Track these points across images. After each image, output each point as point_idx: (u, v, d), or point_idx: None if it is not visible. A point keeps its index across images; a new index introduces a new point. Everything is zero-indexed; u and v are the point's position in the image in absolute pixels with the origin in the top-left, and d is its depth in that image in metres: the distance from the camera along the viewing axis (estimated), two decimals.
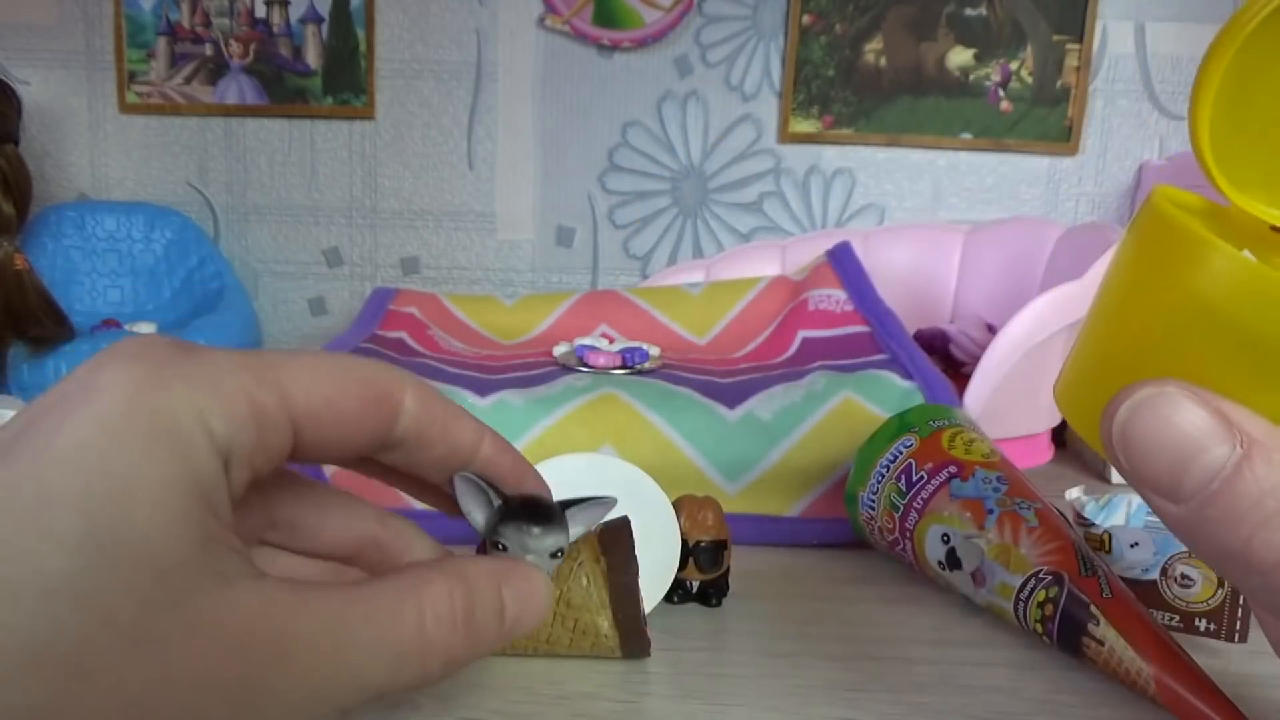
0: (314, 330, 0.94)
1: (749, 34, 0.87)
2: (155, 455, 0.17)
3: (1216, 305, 0.16)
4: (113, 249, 0.87)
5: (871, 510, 0.40)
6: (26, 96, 0.77)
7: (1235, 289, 0.16)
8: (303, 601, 0.18)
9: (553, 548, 0.25)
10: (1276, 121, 0.19)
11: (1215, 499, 0.16)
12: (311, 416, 0.20)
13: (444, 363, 0.56)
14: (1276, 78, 0.18)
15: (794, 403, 0.47)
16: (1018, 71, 0.85)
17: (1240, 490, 0.15)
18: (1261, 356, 0.16)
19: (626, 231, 0.91)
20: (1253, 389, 0.16)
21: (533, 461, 0.47)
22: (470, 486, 0.25)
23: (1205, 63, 0.18)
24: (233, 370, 0.19)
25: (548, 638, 0.31)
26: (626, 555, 0.31)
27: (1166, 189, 0.20)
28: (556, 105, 0.89)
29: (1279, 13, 0.16)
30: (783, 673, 0.31)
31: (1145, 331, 0.18)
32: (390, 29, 0.88)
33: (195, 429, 0.18)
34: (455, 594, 0.20)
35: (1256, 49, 0.17)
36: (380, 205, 0.91)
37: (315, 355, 0.21)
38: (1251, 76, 0.18)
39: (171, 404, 0.17)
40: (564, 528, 0.26)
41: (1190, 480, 0.16)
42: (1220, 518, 0.16)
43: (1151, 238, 0.18)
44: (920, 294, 0.76)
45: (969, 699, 0.29)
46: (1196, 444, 0.16)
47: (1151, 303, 0.18)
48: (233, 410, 0.18)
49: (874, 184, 0.89)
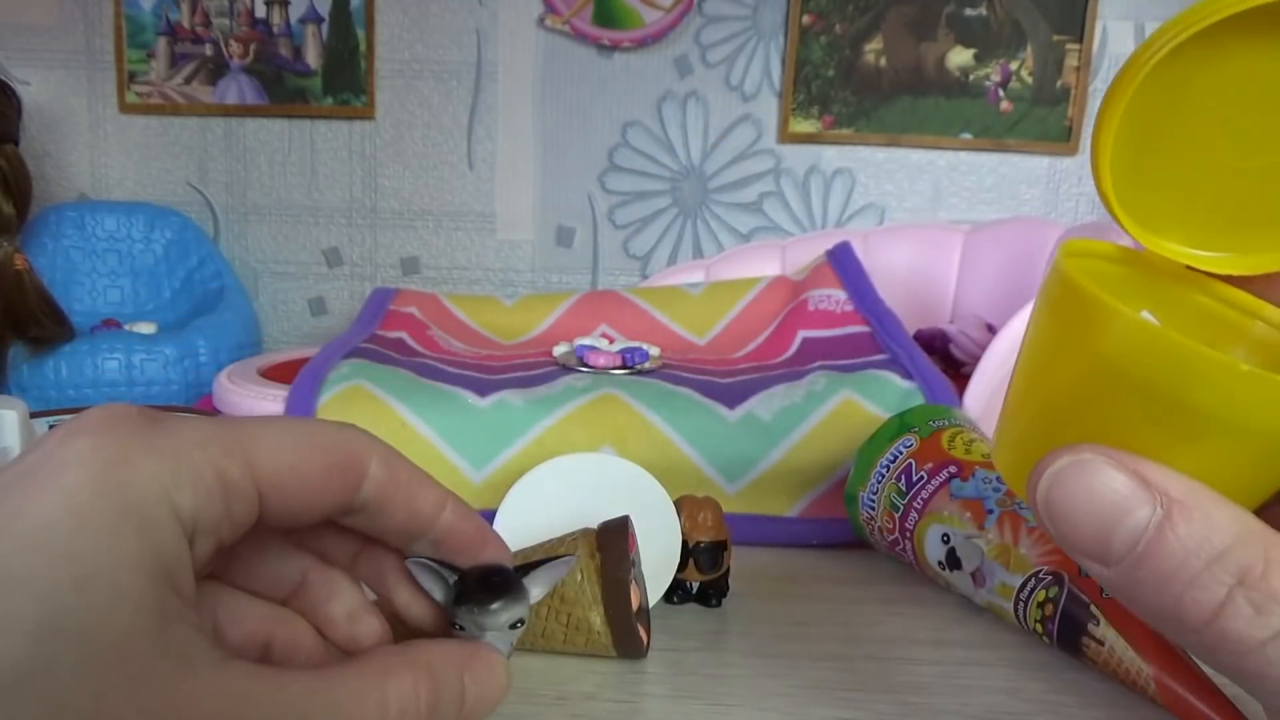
0: (314, 330, 0.94)
1: (749, 34, 0.87)
2: (120, 535, 0.17)
3: (1122, 368, 0.16)
4: (113, 249, 0.87)
5: (871, 510, 0.40)
6: (26, 96, 0.77)
7: (1137, 352, 0.16)
8: (264, 689, 0.18)
9: (510, 620, 0.24)
10: (1185, 158, 0.18)
11: (1143, 561, 0.16)
12: (277, 484, 0.20)
13: (444, 363, 0.56)
14: (1183, 113, 0.18)
15: (794, 403, 0.47)
16: (1018, 71, 0.85)
17: (1165, 551, 0.15)
18: (1172, 415, 0.16)
19: (626, 231, 0.91)
20: (1168, 447, 0.16)
21: (532, 462, 0.47)
22: (423, 569, 0.24)
23: (1104, 105, 0.17)
24: (200, 442, 0.19)
25: (543, 631, 0.31)
26: (621, 553, 0.30)
27: (1077, 243, 0.19)
28: (556, 105, 0.89)
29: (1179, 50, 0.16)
30: (782, 673, 0.31)
31: (1061, 395, 0.18)
32: (390, 29, 0.88)
33: (161, 506, 0.18)
34: (421, 687, 0.20)
35: (1160, 85, 0.17)
36: (380, 205, 0.91)
37: (282, 422, 0.21)
38: (1159, 112, 0.17)
39: (138, 480, 0.18)
40: (522, 597, 0.25)
41: (1117, 545, 0.16)
42: (1149, 579, 0.16)
43: (1057, 301, 0.18)
44: (920, 294, 0.76)
45: (969, 699, 0.29)
46: (1118, 509, 0.16)
47: (1063, 366, 0.18)
48: (199, 483, 0.18)
49: (874, 184, 0.89)
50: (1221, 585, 0.15)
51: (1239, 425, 0.15)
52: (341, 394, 0.47)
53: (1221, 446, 0.16)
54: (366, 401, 0.47)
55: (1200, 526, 0.15)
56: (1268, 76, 0.16)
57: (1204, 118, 0.17)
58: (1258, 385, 0.15)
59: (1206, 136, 0.18)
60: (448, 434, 0.46)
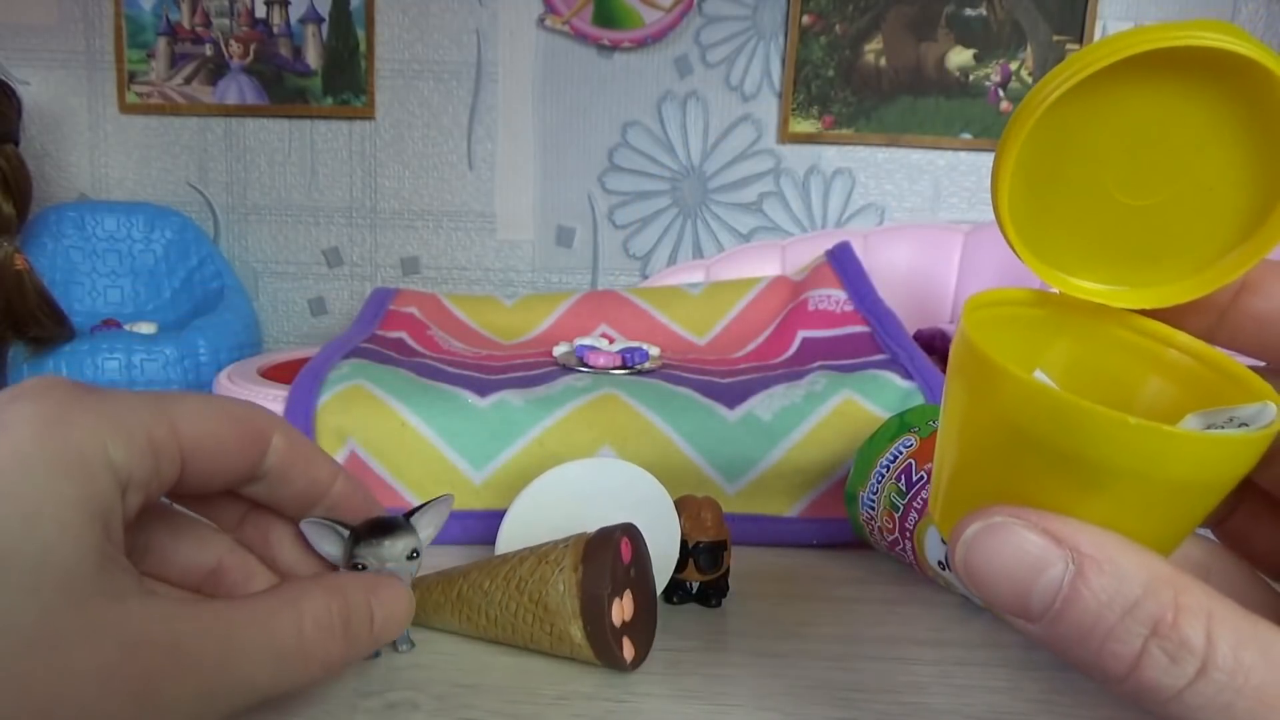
0: (314, 330, 0.94)
1: (749, 34, 0.87)
2: (62, 481, 0.19)
3: (1021, 428, 0.16)
4: (113, 249, 0.87)
5: (871, 510, 0.40)
6: (26, 96, 0.77)
7: (1031, 413, 0.16)
8: (193, 611, 0.20)
9: (406, 550, 0.28)
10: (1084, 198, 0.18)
11: (1061, 617, 0.16)
12: (197, 449, 0.23)
13: (444, 363, 0.56)
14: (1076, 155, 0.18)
15: (794, 403, 0.47)
16: (1018, 71, 0.85)
17: (1081, 606, 0.16)
18: (1075, 470, 0.16)
19: (626, 231, 0.91)
20: (1078, 500, 0.16)
21: (532, 462, 0.47)
22: (318, 527, 0.28)
23: (998, 154, 0.17)
24: (132, 407, 0.21)
25: (530, 637, 0.31)
26: (602, 568, 0.30)
27: (987, 295, 0.20)
28: (556, 105, 0.89)
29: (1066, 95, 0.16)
30: (782, 673, 0.31)
31: (974, 454, 0.18)
32: (390, 29, 0.88)
33: (98, 458, 0.20)
34: (333, 605, 0.23)
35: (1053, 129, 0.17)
36: (380, 205, 0.91)
37: (199, 396, 0.24)
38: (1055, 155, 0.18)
39: (78, 435, 0.19)
40: (412, 532, 0.29)
41: (1035, 603, 0.16)
42: (1071, 634, 0.16)
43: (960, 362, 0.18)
44: (920, 294, 0.76)
45: (969, 699, 0.29)
46: (1032, 568, 0.16)
47: (971, 426, 0.18)
48: (133, 442, 0.20)
49: (874, 184, 0.89)
50: (1136, 637, 0.15)
51: (1139, 475, 0.16)
52: (341, 394, 0.47)
53: (1127, 496, 0.16)
54: (366, 401, 0.47)
55: (1111, 579, 0.16)
56: (1148, 120, 0.17)
57: (1096, 159, 0.18)
58: (1148, 437, 0.15)
59: (1100, 177, 0.18)
60: (448, 434, 0.46)
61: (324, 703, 0.29)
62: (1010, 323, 0.20)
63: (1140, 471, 0.16)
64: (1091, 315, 0.20)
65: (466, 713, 0.28)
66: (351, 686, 0.30)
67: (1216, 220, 0.18)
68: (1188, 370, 0.19)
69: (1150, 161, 0.18)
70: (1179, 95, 0.16)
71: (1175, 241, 0.19)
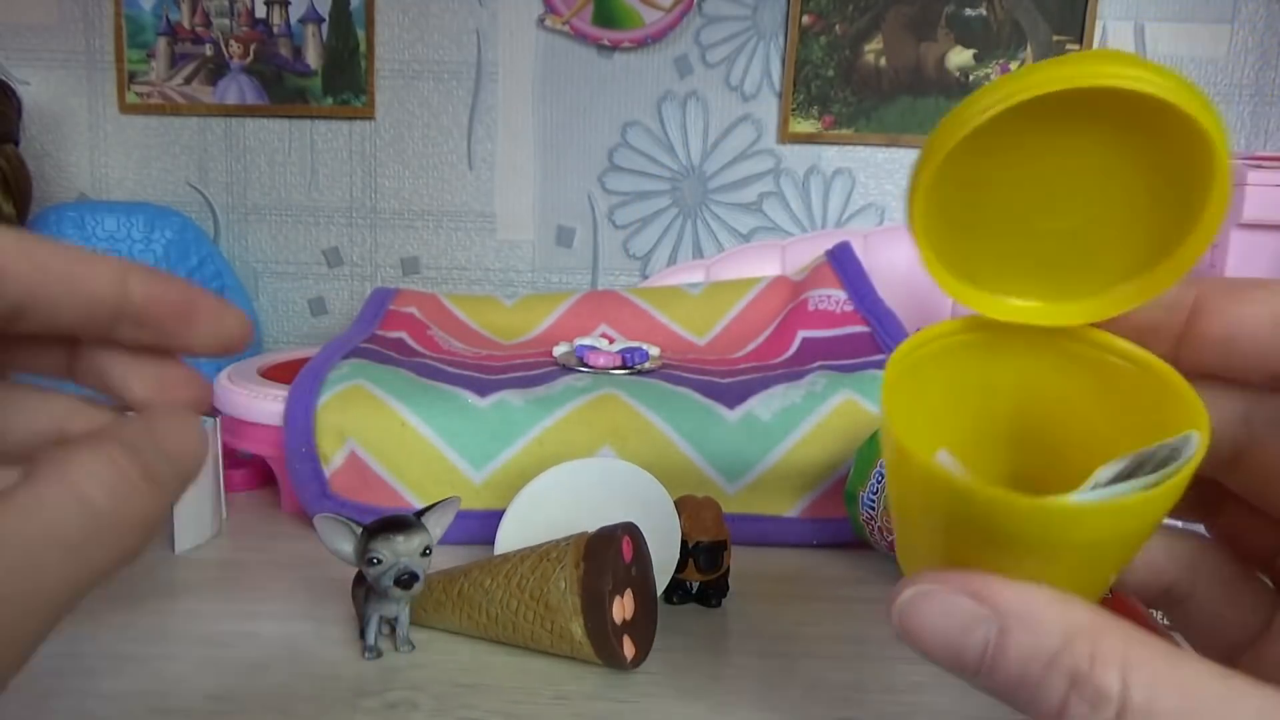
0: (314, 330, 0.94)
1: (749, 34, 0.87)
2: None
3: (934, 505, 0.17)
4: (113, 249, 0.87)
5: (871, 510, 0.40)
6: (26, 96, 0.77)
7: (934, 490, 0.17)
8: None
9: (420, 546, 0.30)
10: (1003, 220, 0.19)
11: (993, 672, 0.17)
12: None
13: (444, 363, 0.56)
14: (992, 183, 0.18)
15: (794, 403, 0.47)
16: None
17: (1009, 661, 0.16)
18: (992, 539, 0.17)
19: (626, 231, 0.91)
20: (1001, 559, 0.17)
21: (532, 462, 0.47)
22: (331, 524, 0.30)
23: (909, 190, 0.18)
24: None
25: (530, 635, 0.31)
26: (604, 565, 0.30)
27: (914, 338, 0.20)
28: (556, 105, 0.89)
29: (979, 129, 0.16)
30: (782, 673, 0.31)
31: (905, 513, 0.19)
32: (390, 29, 0.88)
33: None
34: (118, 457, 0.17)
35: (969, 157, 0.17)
36: (380, 205, 0.91)
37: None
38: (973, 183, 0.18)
39: None
40: (424, 529, 0.31)
41: (968, 661, 0.17)
42: (1004, 686, 0.17)
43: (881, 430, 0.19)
44: (920, 294, 0.76)
45: (969, 699, 0.29)
46: (960, 630, 0.17)
47: (897, 494, 0.19)
48: None
49: (874, 184, 0.89)
50: (1058, 688, 0.16)
51: (1048, 542, 0.16)
52: (341, 394, 0.47)
53: (1047, 556, 0.17)
54: (366, 401, 0.47)
55: (1029, 635, 0.16)
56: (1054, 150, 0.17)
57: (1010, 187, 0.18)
58: (1045, 514, 0.16)
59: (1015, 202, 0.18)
60: (448, 434, 0.46)
61: (324, 702, 0.29)
62: (948, 354, 0.20)
63: (1048, 539, 0.16)
64: (1028, 331, 0.20)
65: (466, 712, 0.28)
66: (351, 687, 0.30)
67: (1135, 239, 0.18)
68: (1131, 376, 0.19)
69: (1063, 188, 0.18)
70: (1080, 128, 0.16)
71: (1097, 259, 0.19)
